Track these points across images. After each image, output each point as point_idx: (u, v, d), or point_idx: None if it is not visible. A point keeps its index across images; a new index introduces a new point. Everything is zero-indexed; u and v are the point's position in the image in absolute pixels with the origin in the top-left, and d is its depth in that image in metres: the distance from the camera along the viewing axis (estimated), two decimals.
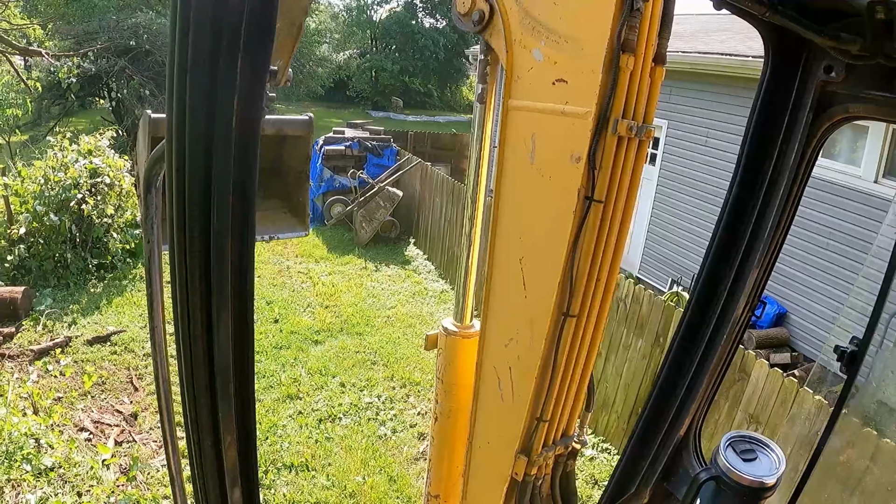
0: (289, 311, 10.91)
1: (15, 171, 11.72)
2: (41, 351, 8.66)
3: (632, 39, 1.25)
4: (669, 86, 12.23)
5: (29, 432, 6.35)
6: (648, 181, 12.99)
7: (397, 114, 37.34)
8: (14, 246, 10.52)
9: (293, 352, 9.50)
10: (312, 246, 14.17)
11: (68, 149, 11.41)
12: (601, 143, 1.31)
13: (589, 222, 1.37)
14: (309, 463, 7.01)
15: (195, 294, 1.28)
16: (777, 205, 1.63)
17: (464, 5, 1.49)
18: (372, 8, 41.49)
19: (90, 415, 7.42)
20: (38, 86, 17.29)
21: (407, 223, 14.77)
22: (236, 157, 1.17)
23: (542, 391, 1.58)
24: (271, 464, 6.96)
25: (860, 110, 1.54)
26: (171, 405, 2.07)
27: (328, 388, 8.60)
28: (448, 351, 2.26)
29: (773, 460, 1.81)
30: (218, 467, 1.43)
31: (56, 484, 6.00)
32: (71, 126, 21.38)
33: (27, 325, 9.45)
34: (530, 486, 1.74)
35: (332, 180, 15.43)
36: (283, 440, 7.37)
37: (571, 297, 1.44)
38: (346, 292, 11.90)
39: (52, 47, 19.49)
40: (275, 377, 8.72)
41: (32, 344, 8.87)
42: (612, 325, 7.45)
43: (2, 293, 9.60)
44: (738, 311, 1.72)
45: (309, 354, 9.50)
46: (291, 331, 10.15)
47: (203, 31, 1.10)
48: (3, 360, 8.37)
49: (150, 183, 1.78)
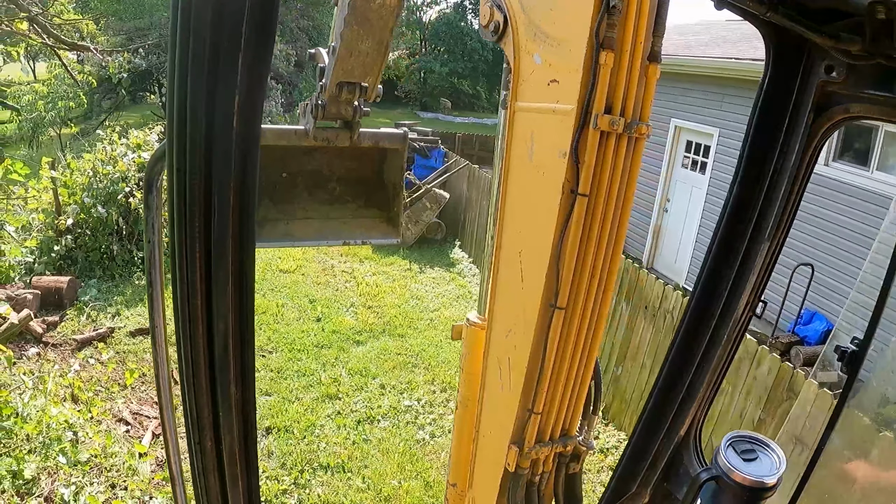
0: (331, 311, 11.03)
1: (64, 163, 12.00)
2: (84, 341, 8.85)
3: (611, 37, 1.29)
4: (720, 93, 12.00)
5: (67, 423, 6.49)
6: (698, 189, 12.80)
7: (445, 115, 37.38)
8: (61, 236, 10.75)
9: (334, 351, 9.62)
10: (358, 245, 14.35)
11: (117, 142, 11.79)
12: (583, 138, 1.35)
13: (574, 215, 1.41)
14: (345, 464, 7.05)
15: (195, 294, 1.30)
16: (778, 204, 1.63)
17: (484, 17, 1.57)
18: (421, 9, 41.71)
19: (129, 406, 7.62)
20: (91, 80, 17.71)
21: (453, 225, 14.81)
22: (236, 158, 1.21)
23: (533, 382, 1.61)
24: (307, 463, 7.00)
25: (861, 110, 1.53)
26: (172, 404, 2.10)
27: (368, 389, 8.67)
28: (468, 341, 2.34)
29: (774, 460, 1.80)
30: (218, 467, 1.46)
31: (91, 475, 6.12)
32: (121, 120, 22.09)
33: (71, 314, 9.68)
34: (524, 480, 1.77)
35: None
36: (321, 440, 7.44)
37: (559, 290, 1.48)
38: (389, 293, 12.00)
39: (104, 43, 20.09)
40: (315, 376, 8.85)
41: (76, 333, 9.07)
42: (660, 336, 7.32)
43: (48, 282, 9.87)
44: (738, 311, 1.73)
45: (350, 355, 9.60)
46: (333, 330, 10.29)
47: (203, 31, 1.16)
48: (45, 348, 8.64)
49: (151, 182, 1.86)
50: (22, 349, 8.41)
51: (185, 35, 1.14)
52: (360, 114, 2.03)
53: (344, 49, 1.78)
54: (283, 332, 10.10)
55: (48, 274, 10.25)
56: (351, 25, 1.71)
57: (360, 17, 1.70)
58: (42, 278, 9.99)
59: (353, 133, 2.06)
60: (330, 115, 1.98)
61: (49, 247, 10.66)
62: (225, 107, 1.18)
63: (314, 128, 2.00)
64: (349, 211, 2.30)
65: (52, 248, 10.64)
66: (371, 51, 1.80)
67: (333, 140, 2.05)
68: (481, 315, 2.33)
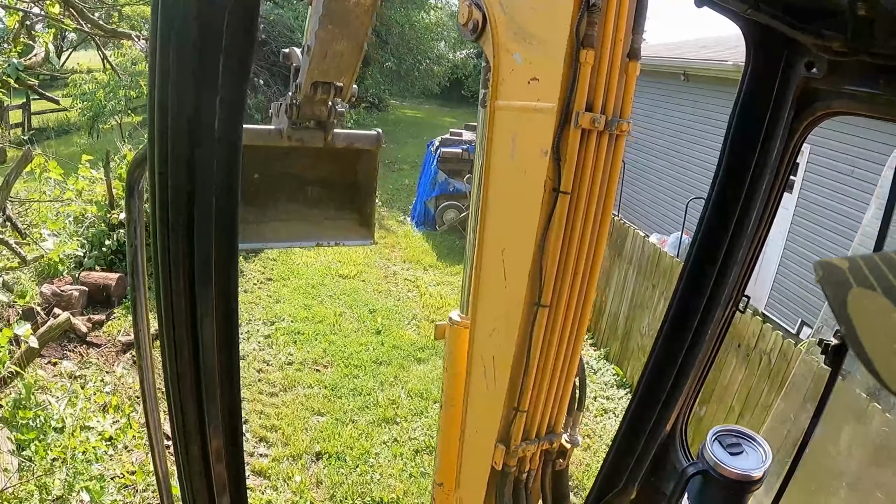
0: (392, 323, 10.34)
1: (121, 155, 11.61)
2: (129, 343, 8.22)
3: (591, 35, 1.29)
4: None
5: (105, 433, 6.07)
6: (784, 210, 11.28)
7: None
8: (113, 231, 10.28)
9: (394, 369, 8.89)
10: (421, 252, 13.64)
11: None
12: (565, 136, 1.35)
13: (557, 213, 1.41)
14: (400, 500, 6.42)
15: (179, 297, 1.29)
16: (759, 201, 1.64)
17: (463, 16, 1.57)
18: None
19: None
20: None
21: None
22: (218, 161, 1.20)
23: (518, 381, 1.62)
24: (359, 497, 6.41)
25: (843, 106, 1.54)
26: (158, 409, 2.10)
27: (428, 414, 7.89)
28: (451, 341, 2.34)
29: (760, 454, 1.81)
30: (205, 472, 1.45)
31: (126, 492, 5.75)
32: None
33: (118, 313, 9.20)
34: (511, 477, 1.77)
35: (445, 184, 14.67)
36: (375, 470, 6.80)
37: (542, 287, 1.49)
38: (455, 305, 11.12)
39: None
40: (372, 396, 8.19)
41: (121, 334, 8.55)
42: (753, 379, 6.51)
43: (96, 278, 9.42)
44: (721, 308, 1.74)
45: (410, 374, 8.83)
46: (394, 345, 9.56)
47: (185, 34, 1.16)
48: (88, 348, 8.15)
49: (133, 186, 1.86)
50: (64, 349, 8.00)
51: (166, 38, 1.13)
52: (334, 114, 2.02)
53: (319, 49, 1.78)
54: (340, 345, 9.43)
55: (98, 269, 9.81)
56: (326, 25, 1.71)
57: (335, 17, 1.69)
58: (91, 274, 9.56)
59: (327, 134, 2.06)
60: (304, 115, 1.98)
61: (100, 241, 10.20)
62: (206, 110, 1.18)
63: (288, 128, 1.99)
64: (324, 213, 2.30)
65: (103, 243, 10.18)
66: (346, 51, 1.80)
67: (308, 140, 2.05)
68: (464, 314, 2.33)
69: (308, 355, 8.99)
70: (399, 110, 31.82)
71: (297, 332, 9.63)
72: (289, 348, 9.14)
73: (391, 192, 17.72)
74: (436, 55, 32.70)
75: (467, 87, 37.30)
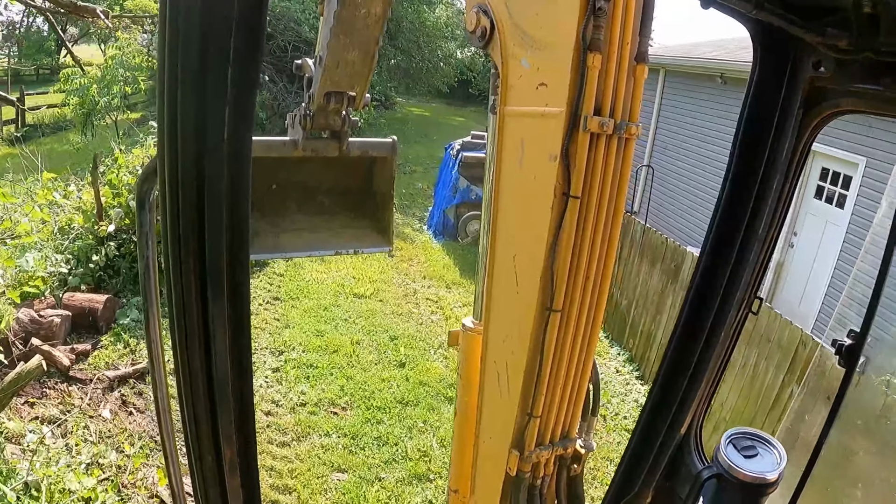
0: (416, 353, 9.16)
1: (112, 158, 10.26)
2: (118, 378, 7.15)
3: (598, 39, 1.29)
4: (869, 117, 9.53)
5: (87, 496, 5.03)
6: (834, 226, 10.75)
7: None
8: (102, 245, 8.96)
9: (422, 411, 7.70)
10: (443, 267, 12.50)
11: None
12: (573, 141, 1.35)
13: (567, 218, 1.41)
14: None
15: (191, 308, 1.29)
16: (770, 200, 1.63)
17: (471, 23, 1.57)
18: None
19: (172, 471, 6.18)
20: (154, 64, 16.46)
21: None
22: (228, 171, 1.20)
23: (531, 386, 1.61)
24: None
25: (850, 104, 1.54)
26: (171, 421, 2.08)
27: None
28: (465, 347, 2.35)
29: (775, 456, 1.80)
30: (220, 482, 1.44)
31: None
32: None
33: (106, 341, 7.96)
34: (526, 483, 1.76)
35: (468, 191, 13.51)
36: None
37: (554, 293, 1.48)
38: None
39: None
40: (399, 446, 7.00)
41: (109, 368, 7.38)
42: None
43: (80, 301, 8.10)
44: (735, 308, 1.73)
45: (441, 416, 7.51)
46: (420, 381, 8.37)
47: (192, 44, 1.16)
48: (70, 385, 6.89)
49: (144, 199, 1.86)
50: (43, 385, 6.80)
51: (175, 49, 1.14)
52: (348, 123, 2.03)
53: (331, 59, 1.79)
54: (360, 381, 8.25)
55: (83, 289, 8.56)
56: (337, 36, 1.71)
57: (346, 28, 1.70)
58: (75, 295, 8.25)
59: (341, 143, 2.07)
60: (318, 125, 1.99)
61: (87, 255, 8.90)
62: (216, 121, 1.18)
63: (303, 139, 2.00)
64: (339, 221, 2.31)
65: (90, 258, 8.89)
66: (358, 60, 1.81)
67: (322, 150, 2.05)
68: (477, 320, 2.33)
69: (323, 394, 7.91)
70: (406, 108, 31.34)
71: (309, 364, 8.52)
72: (301, 385, 8.04)
73: (405, 197, 16.82)
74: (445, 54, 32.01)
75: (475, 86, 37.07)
